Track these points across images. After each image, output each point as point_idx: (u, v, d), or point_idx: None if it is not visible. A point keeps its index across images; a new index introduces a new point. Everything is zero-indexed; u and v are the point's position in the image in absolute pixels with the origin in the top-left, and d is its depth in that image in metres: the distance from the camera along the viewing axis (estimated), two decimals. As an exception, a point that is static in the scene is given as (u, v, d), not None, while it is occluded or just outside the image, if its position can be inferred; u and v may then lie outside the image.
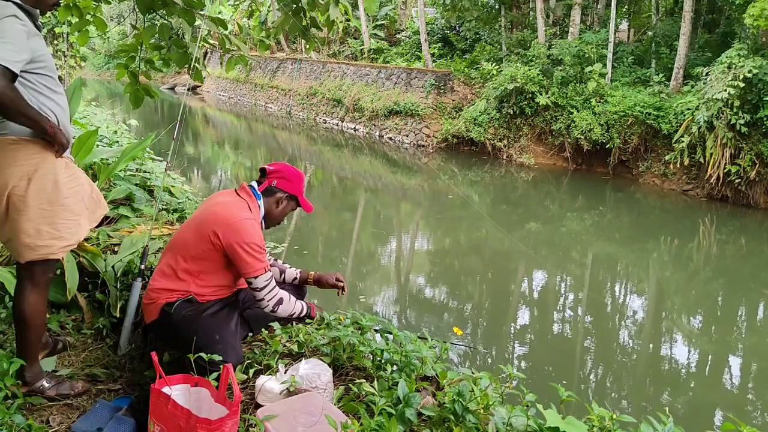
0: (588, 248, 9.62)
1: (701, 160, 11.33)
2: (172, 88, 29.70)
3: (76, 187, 2.19)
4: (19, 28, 1.96)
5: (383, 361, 2.33)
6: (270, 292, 2.44)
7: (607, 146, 12.98)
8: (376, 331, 2.66)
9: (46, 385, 2.30)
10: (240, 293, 2.65)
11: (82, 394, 2.37)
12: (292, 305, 2.54)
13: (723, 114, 10.65)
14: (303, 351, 2.53)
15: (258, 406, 2.14)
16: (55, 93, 2.15)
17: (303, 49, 23.69)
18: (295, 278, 2.91)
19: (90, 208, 2.28)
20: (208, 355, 2.08)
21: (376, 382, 2.12)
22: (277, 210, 2.60)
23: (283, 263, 2.96)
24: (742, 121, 10.42)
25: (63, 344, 2.65)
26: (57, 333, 2.81)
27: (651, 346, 6.28)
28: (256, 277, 2.39)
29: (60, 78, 2.34)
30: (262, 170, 2.64)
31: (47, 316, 2.90)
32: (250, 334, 2.67)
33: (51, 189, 2.09)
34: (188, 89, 28.70)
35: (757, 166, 10.54)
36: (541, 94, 13.91)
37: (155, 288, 2.45)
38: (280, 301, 2.48)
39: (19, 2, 2.04)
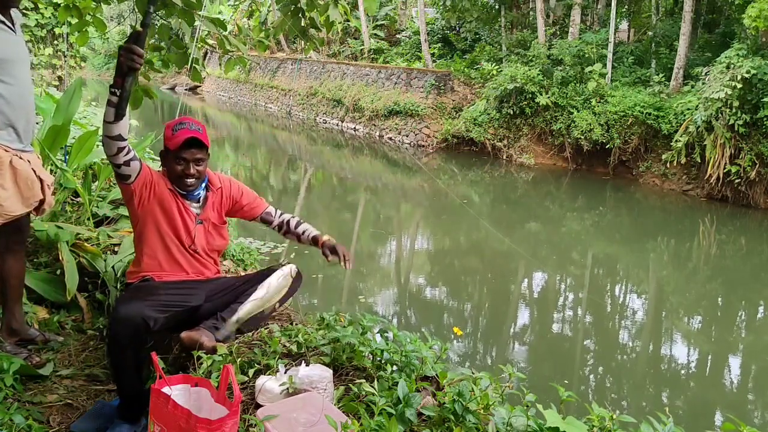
0: (588, 248, 9.62)
1: (699, 159, 11.34)
2: (173, 88, 29.68)
3: None
4: None
5: (383, 361, 2.33)
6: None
7: (607, 146, 12.98)
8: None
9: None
10: (211, 284, 2.56)
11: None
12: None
13: (722, 114, 10.65)
14: (303, 351, 2.53)
15: (258, 406, 2.14)
16: (2, 83, 2.25)
17: (303, 49, 23.68)
18: (305, 233, 2.74)
19: (25, 195, 2.38)
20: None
21: (376, 382, 2.12)
22: (165, 168, 2.52)
23: (297, 222, 2.77)
24: (740, 122, 10.42)
25: (46, 339, 2.72)
26: (57, 332, 2.82)
27: (651, 346, 6.28)
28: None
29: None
30: None
31: (47, 315, 2.92)
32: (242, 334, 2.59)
33: None
34: (188, 89, 28.70)
35: (757, 166, 10.54)
36: (541, 94, 13.91)
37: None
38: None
39: None
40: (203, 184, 2.55)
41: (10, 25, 2.30)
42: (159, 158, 2.57)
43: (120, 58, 2.19)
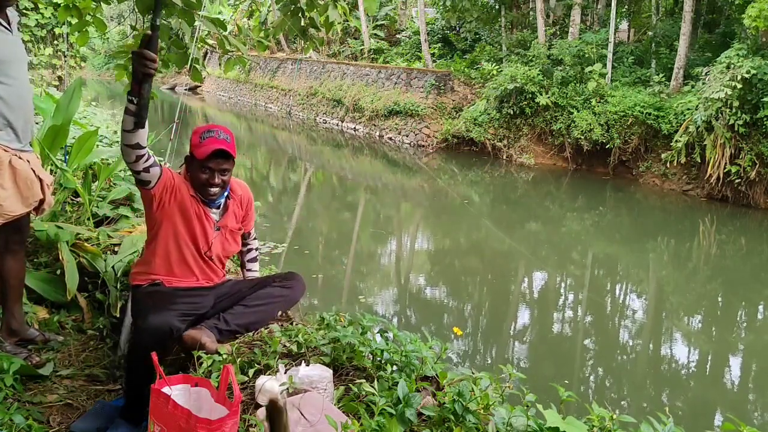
0: (588, 248, 9.62)
1: (699, 159, 11.34)
2: (173, 88, 29.68)
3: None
4: None
5: (383, 361, 2.33)
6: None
7: (607, 146, 12.98)
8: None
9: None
10: (219, 289, 2.58)
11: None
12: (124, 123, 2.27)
13: (722, 114, 10.65)
14: (303, 351, 2.52)
15: (258, 406, 2.14)
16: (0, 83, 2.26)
17: (303, 49, 23.68)
18: (250, 271, 2.85)
19: (24, 195, 2.39)
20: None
21: (376, 382, 2.12)
22: (189, 174, 2.50)
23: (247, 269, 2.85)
24: (740, 122, 10.42)
25: (46, 339, 2.72)
26: (57, 332, 2.82)
27: (651, 346, 6.28)
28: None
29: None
30: None
31: (47, 315, 2.92)
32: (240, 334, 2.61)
33: None
34: (188, 89, 28.69)
35: (757, 166, 10.54)
36: (541, 94, 13.91)
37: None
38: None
39: None
40: (225, 192, 2.55)
41: (6, 24, 2.31)
42: (160, 157, 2.56)
43: (133, 65, 2.15)
